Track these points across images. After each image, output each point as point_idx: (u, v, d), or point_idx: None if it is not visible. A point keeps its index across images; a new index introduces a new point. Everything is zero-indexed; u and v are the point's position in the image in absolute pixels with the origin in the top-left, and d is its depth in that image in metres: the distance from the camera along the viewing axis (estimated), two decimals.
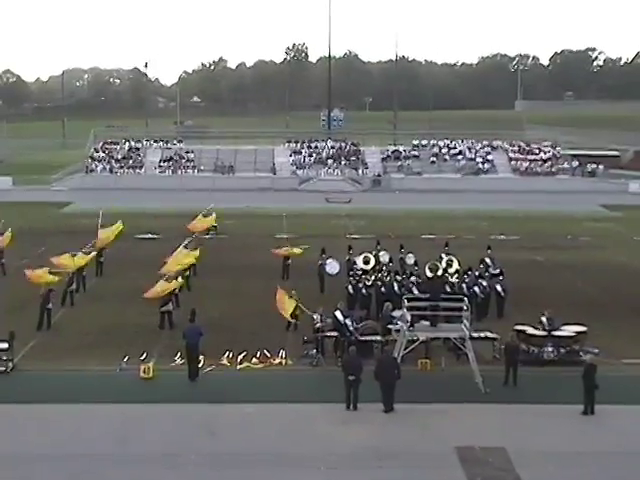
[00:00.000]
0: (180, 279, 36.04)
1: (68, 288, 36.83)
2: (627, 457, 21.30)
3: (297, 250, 42.64)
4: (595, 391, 24.24)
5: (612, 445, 22.31)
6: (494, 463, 21.03)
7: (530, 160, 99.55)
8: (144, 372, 27.31)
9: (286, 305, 31.73)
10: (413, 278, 35.44)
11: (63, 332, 32.80)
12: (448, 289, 33.57)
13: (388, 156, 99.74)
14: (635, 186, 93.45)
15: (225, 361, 28.88)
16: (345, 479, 20.19)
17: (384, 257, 40.36)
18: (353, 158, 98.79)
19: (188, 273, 39.80)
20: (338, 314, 29.63)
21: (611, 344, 30.28)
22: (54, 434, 22.82)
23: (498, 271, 37.83)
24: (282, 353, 29.38)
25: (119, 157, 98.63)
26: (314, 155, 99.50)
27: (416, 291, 32.76)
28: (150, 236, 56.66)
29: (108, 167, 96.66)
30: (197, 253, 40.70)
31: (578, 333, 29.65)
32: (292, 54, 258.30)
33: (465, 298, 28.41)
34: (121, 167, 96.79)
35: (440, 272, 35.35)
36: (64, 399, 25.32)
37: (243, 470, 20.64)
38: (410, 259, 40.45)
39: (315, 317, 29.91)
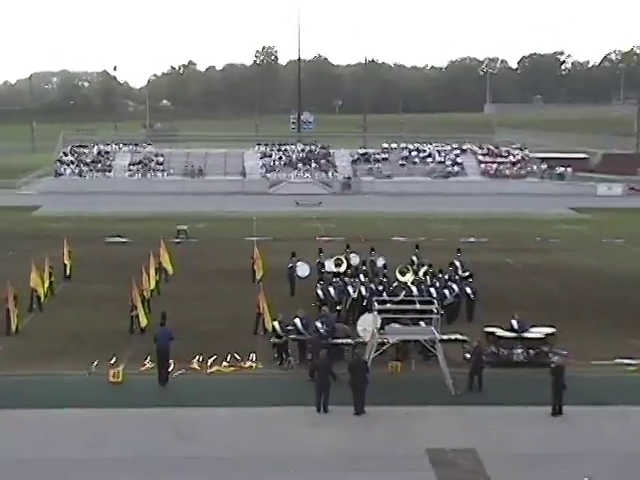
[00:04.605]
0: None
1: (34, 293, 36.45)
2: (595, 457, 21.42)
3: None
4: (563, 392, 24.39)
5: (581, 446, 22.44)
6: (465, 465, 21.09)
7: (499, 163, 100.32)
8: (114, 376, 27.13)
9: (267, 311, 31.95)
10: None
11: (32, 337, 32.53)
12: (416, 292, 33.65)
13: (358, 159, 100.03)
14: (603, 189, 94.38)
15: (195, 365, 28.75)
16: None
17: (354, 260, 40.46)
18: (323, 161, 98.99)
19: (158, 278, 39.85)
20: (297, 322, 29.48)
21: (580, 345, 30.44)
22: (23, 439, 22.62)
23: (468, 274, 37.93)
24: (252, 357, 29.30)
25: (88, 161, 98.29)
26: (284, 158, 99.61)
27: (385, 294, 32.83)
28: (119, 240, 56.42)
29: (77, 171, 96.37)
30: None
31: (547, 335, 29.81)
32: (262, 57, 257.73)
33: (435, 301, 28.55)
34: (90, 170, 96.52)
35: (410, 275, 35.47)
36: (33, 404, 25.08)
37: (214, 474, 20.56)
38: (380, 262, 40.53)
39: (275, 324, 29.72)
